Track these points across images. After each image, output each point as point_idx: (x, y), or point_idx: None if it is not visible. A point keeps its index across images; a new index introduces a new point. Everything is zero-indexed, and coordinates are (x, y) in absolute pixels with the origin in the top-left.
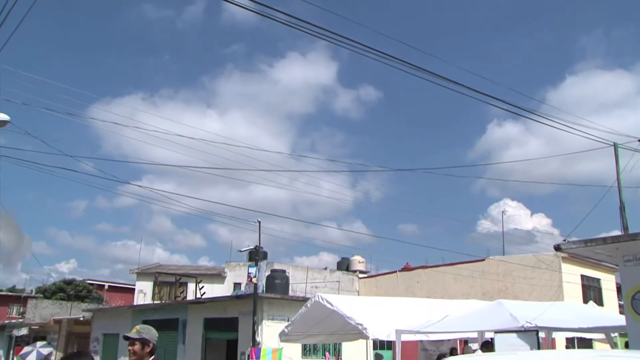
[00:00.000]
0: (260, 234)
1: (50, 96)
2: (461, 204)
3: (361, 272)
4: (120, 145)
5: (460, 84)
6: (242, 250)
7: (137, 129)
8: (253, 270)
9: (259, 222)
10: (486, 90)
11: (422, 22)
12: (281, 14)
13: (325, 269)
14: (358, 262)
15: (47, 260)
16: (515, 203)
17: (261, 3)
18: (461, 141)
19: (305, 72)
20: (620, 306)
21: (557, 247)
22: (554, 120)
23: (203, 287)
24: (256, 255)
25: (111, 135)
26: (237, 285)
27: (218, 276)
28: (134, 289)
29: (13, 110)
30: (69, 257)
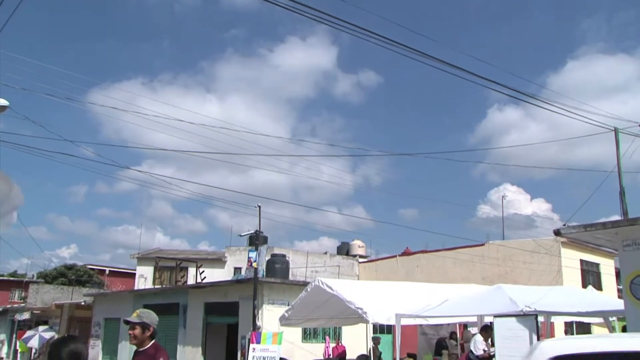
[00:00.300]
0: (260, 218)
1: (49, 81)
2: (461, 189)
3: (361, 256)
4: (119, 130)
5: (461, 69)
6: (243, 234)
7: (137, 114)
8: (253, 254)
9: (259, 207)
10: (487, 75)
11: (423, 7)
12: None
13: (325, 253)
14: (358, 246)
15: (47, 245)
16: (515, 188)
17: None
18: (461, 126)
19: (306, 56)
20: (619, 291)
21: (557, 232)
22: (555, 105)
23: (203, 271)
24: (256, 240)
25: (111, 121)
26: (237, 270)
27: (218, 261)
28: (134, 274)
29: (12, 96)
30: (69, 242)
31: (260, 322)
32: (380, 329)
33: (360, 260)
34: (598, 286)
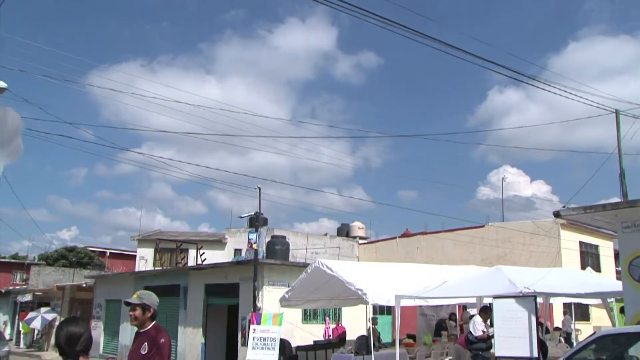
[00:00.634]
0: (260, 200)
1: (47, 63)
2: (461, 171)
3: (361, 238)
4: (119, 112)
5: (461, 50)
6: (243, 216)
7: (136, 95)
8: (253, 236)
9: (259, 189)
10: (487, 56)
11: None
12: None
13: (325, 235)
14: (358, 228)
15: (48, 227)
16: (515, 170)
17: None
18: (462, 107)
19: (305, 37)
20: (617, 272)
21: (557, 214)
22: (556, 86)
23: (204, 253)
24: (256, 222)
25: (110, 102)
26: (237, 252)
27: (218, 242)
28: (135, 256)
29: (9, 77)
30: (70, 225)
31: (260, 304)
32: (380, 310)
33: (360, 241)
34: (597, 268)
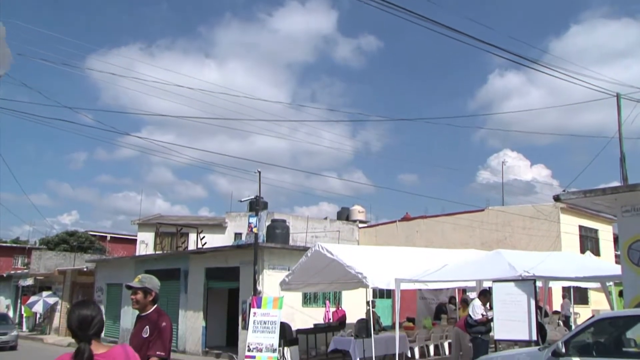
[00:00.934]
0: (260, 184)
1: (46, 47)
2: (461, 155)
3: (361, 221)
4: (118, 97)
5: (462, 33)
6: (243, 200)
7: (136, 79)
8: (253, 220)
9: (259, 173)
10: (488, 39)
11: None
12: None
13: (326, 218)
14: (358, 211)
15: (49, 212)
16: (515, 154)
17: None
18: (462, 91)
19: (305, 20)
20: (617, 256)
21: (557, 198)
22: (557, 70)
23: (204, 237)
24: (256, 205)
25: (109, 87)
26: (237, 235)
27: (219, 226)
28: (135, 240)
29: None
30: (70, 209)
31: (260, 287)
32: (380, 294)
33: (360, 225)
34: (596, 252)
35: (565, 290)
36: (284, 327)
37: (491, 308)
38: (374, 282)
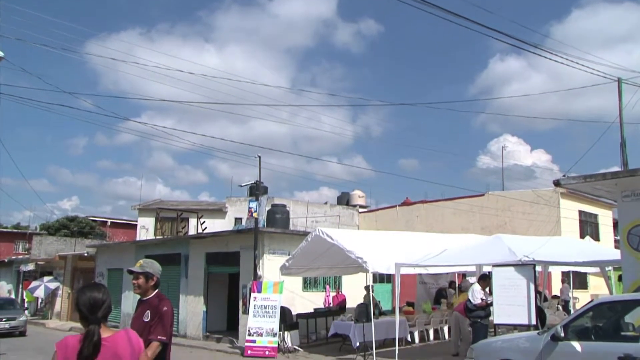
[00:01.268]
0: (260, 169)
1: (45, 32)
2: (461, 139)
3: (361, 206)
4: (118, 82)
5: (463, 17)
6: (243, 185)
7: (135, 64)
8: (254, 205)
9: (259, 157)
10: (489, 24)
11: None
12: None
13: (326, 203)
14: (358, 196)
15: (49, 197)
16: (515, 139)
17: None
18: (462, 76)
19: (305, 5)
20: (616, 241)
21: (557, 183)
22: (558, 55)
23: (204, 222)
24: (257, 190)
25: (109, 72)
26: (238, 220)
27: (219, 211)
28: (136, 225)
29: (6, 46)
30: (70, 195)
31: (261, 272)
32: (380, 278)
33: (360, 210)
34: (595, 237)
35: (565, 274)
36: (284, 312)
37: (491, 292)
38: (374, 267)
